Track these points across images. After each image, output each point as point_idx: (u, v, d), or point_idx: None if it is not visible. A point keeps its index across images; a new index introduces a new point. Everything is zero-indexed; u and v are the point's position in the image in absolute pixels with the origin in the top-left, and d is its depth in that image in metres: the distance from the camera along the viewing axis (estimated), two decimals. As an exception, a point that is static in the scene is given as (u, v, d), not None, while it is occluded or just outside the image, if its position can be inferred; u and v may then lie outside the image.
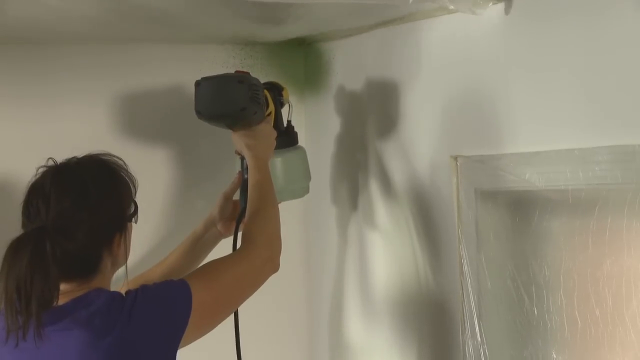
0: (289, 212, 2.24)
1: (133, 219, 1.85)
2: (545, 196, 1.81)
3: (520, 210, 1.90)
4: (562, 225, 1.79)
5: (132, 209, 1.83)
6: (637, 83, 1.57)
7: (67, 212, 1.67)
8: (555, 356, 1.78)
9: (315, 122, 2.67)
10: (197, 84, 2.02)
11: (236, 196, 2.23)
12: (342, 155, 2.56)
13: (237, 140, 2.10)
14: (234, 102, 2.00)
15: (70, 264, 1.67)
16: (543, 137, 1.79)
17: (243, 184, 2.13)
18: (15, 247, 1.61)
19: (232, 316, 2.02)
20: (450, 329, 2.07)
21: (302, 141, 2.38)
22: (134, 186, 1.85)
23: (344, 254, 2.57)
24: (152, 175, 2.44)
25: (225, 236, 2.23)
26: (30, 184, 1.74)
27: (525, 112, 1.84)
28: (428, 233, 2.19)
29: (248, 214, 1.97)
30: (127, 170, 1.83)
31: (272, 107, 2.17)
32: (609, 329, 1.63)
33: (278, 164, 2.21)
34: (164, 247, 2.35)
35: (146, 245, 2.44)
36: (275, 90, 2.22)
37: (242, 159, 2.13)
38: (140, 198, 1.85)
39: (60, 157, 1.78)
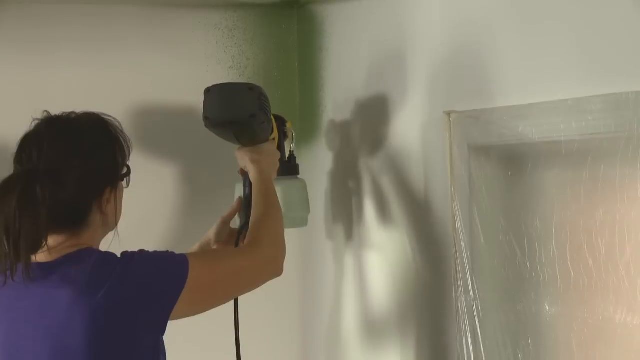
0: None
1: (125, 180, 1.84)
2: (538, 149, 1.80)
3: (513, 164, 1.90)
4: (554, 177, 1.78)
5: (125, 171, 1.82)
6: (628, 31, 1.56)
7: (59, 156, 1.67)
8: (548, 308, 1.78)
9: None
10: (207, 90, 2.03)
11: (233, 223, 2.23)
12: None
13: (241, 156, 2.09)
14: (243, 109, 2.00)
15: (59, 210, 1.66)
16: (536, 89, 1.77)
17: (245, 200, 2.11)
18: (4, 187, 1.61)
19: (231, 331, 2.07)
20: (443, 286, 2.07)
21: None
22: (129, 149, 1.84)
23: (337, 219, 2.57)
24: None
25: None
26: (24, 134, 1.73)
27: (517, 65, 1.82)
28: (421, 192, 2.18)
29: (254, 218, 1.97)
30: (122, 132, 1.83)
31: (276, 134, 2.18)
32: (602, 278, 1.62)
33: (279, 190, 2.21)
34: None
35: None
36: (280, 120, 2.23)
37: (245, 178, 2.12)
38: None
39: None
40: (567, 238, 1.71)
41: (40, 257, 1.68)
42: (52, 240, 1.69)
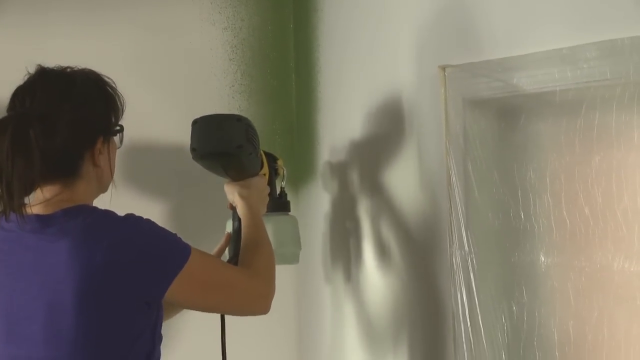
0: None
1: (118, 137, 1.83)
2: (532, 100, 1.79)
3: (507, 117, 1.88)
4: (548, 128, 1.77)
5: (119, 128, 1.82)
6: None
7: (50, 102, 1.67)
8: (543, 259, 1.77)
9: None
10: (195, 122, 2.00)
11: (223, 258, 2.21)
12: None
13: (230, 190, 2.08)
14: (230, 139, 1.98)
15: (51, 157, 1.65)
16: (530, 39, 1.76)
17: (234, 234, 2.10)
18: None
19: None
20: (438, 241, 2.06)
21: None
22: (122, 108, 1.83)
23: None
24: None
25: None
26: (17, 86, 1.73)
27: (510, 15, 1.81)
28: (416, 150, 2.17)
29: (246, 248, 1.95)
30: (117, 90, 1.82)
31: (266, 170, 2.17)
32: (599, 226, 1.62)
33: (270, 226, 2.20)
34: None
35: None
36: (271, 157, 2.22)
37: (234, 212, 2.11)
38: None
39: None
40: (562, 187, 1.70)
41: (38, 208, 1.68)
42: (47, 191, 1.68)
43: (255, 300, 1.87)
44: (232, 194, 2.08)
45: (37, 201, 1.68)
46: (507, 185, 1.85)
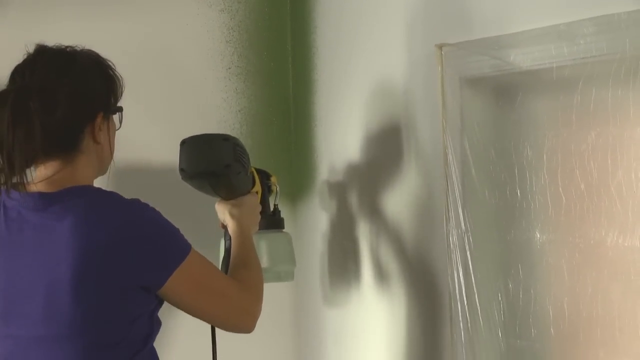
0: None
1: (118, 117, 1.82)
2: (529, 77, 1.79)
3: (504, 95, 1.89)
4: (544, 104, 1.78)
5: (118, 108, 1.82)
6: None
7: (50, 76, 1.67)
8: (539, 236, 1.77)
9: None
10: (183, 142, 1.99)
11: None
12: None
13: (220, 209, 2.07)
14: (218, 159, 1.97)
15: (52, 129, 1.65)
16: (527, 16, 1.77)
17: (225, 253, 2.08)
18: None
19: None
20: (434, 221, 2.06)
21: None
22: (121, 89, 1.83)
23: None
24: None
25: None
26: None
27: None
28: (412, 130, 2.17)
29: (235, 265, 1.94)
30: (116, 72, 1.82)
31: (258, 187, 2.15)
32: (594, 202, 1.62)
33: (263, 243, 2.19)
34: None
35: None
36: (264, 174, 2.21)
37: (226, 232, 2.09)
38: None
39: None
40: (559, 164, 1.71)
41: (41, 186, 1.67)
42: (48, 167, 1.68)
43: (243, 315, 1.86)
44: (222, 213, 2.07)
45: (40, 179, 1.68)
46: (503, 163, 1.85)
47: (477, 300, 1.90)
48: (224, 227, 2.08)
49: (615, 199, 1.57)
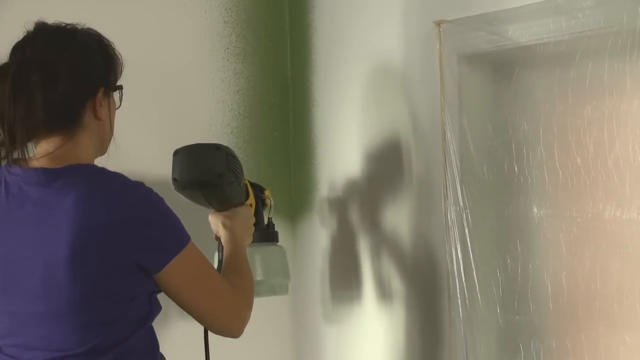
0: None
1: (119, 94, 1.82)
2: (526, 52, 1.79)
3: (501, 70, 1.89)
4: (541, 79, 1.78)
5: (119, 86, 1.81)
6: None
7: (50, 50, 1.66)
8: (536, 210, 1.77)
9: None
10: (175, 153, 1.98)
11: None
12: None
13: (214, 220, 2.05)
14: (211, 169, 1.95)
15: (53, 103, 1.64)
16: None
17: (219, 264, 2.07)
18: None
19: None
20: (432, 199, 2.06)
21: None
22: (121, 67, 1.82)
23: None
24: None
25: None
26: None
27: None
28: (410, 107, 2.17)
29: (227, 272, 1.91)
30: (115, 51, 1.81)
31: (252, 200, 2.14)
32: (591, 176, 1.62)
33: (257, 256, 2.18)
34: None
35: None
36: (257, 188, 2.20)
37: (219, 243, 2.07)
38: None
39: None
40: (555, 138, 1.71)
41: (43, 161, 1.67)
42: (50, 143, 1.67)
43: (234, 318, 1.85)
44: (215, 224, 2.06)
45: (42, 154, 1.67)
46: (501, 138, 1.85)
47: (475, 277, 1.91)
48: (218, 239, 2.08)
49: (612, 172, 1.57)
